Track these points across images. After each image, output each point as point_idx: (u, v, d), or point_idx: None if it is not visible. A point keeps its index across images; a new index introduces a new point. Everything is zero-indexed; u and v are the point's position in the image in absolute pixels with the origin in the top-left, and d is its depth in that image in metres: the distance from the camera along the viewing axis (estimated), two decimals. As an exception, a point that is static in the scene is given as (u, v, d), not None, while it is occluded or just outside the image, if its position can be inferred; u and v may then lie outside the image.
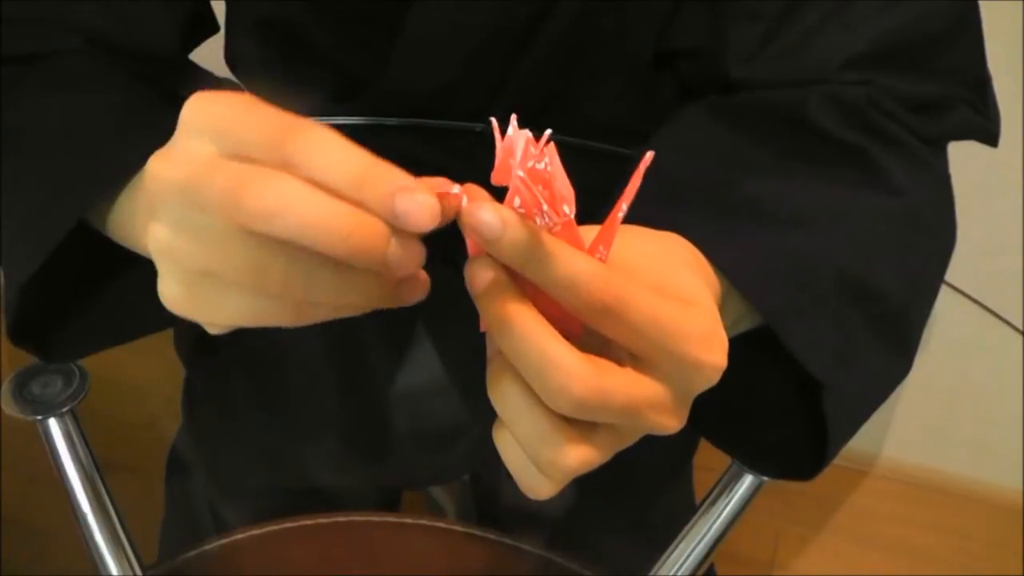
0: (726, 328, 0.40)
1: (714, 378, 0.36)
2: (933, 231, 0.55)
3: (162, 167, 0.33)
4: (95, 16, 0.53)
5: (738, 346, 0.42)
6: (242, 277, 0.33)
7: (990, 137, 0.59)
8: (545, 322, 0.34)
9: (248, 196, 0.31)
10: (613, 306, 0.34)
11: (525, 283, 0.35)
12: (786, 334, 0.45)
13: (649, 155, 0.36)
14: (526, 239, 0.33)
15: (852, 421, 0.51)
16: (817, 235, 0.49)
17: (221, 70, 0.70)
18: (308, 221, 0.31)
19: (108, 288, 0.52)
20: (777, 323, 0.45)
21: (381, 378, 0.74)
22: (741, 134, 0.55)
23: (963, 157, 0.63)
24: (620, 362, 0.36)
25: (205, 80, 0.61)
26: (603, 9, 0.60)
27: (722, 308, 0.42)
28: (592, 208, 0.49)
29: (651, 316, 0.34)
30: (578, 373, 0.33)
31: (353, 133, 0.74)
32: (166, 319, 0.50)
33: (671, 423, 0.37)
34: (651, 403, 0.35)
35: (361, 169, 0.33)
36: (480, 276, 0.35)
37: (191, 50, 0.63)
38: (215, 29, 0.64)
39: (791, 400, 0.50)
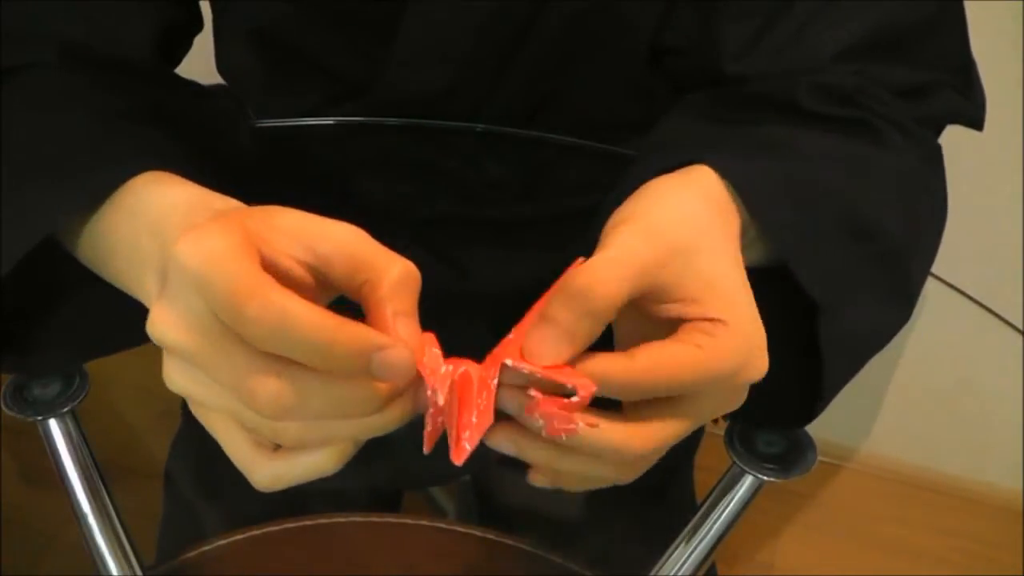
0: (743, 247, 0.43)
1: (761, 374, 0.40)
2: (930, 194, 0.56)
3: (164, 325, 0.35)
4: (68, 25, 0.53)
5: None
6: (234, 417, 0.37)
7: (975, 121, 0.60)
8: None
9: (248, 396, 0.34)
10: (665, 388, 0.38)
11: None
12: (788, 253, 0.46)
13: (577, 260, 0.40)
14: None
15: (848, 360, 0.51)
16: (824, 171, 0.49)
17: (213, 77, 0.70)
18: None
19: (88, 300, 0.51)
20: (781, 243, 0.46)
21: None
22: (742, 112, 0.56)
23: (964, 158, 0.63)
24: None
25: (187, 89, 0.60)
26: (596, 8, 0.60)
27: (744, 233, 0.44)
28: (589, 204, 0.50)
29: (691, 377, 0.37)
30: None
31: (353, 134, 0.75)
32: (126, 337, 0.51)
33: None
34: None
35: (327, 342, 0.33)
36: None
37: (180, 57, 0.62)
38: (199, 28, 0.64)
39: (789, 344, 0.50)
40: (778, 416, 0.54)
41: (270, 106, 0.73)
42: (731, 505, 0.57)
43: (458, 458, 0.36)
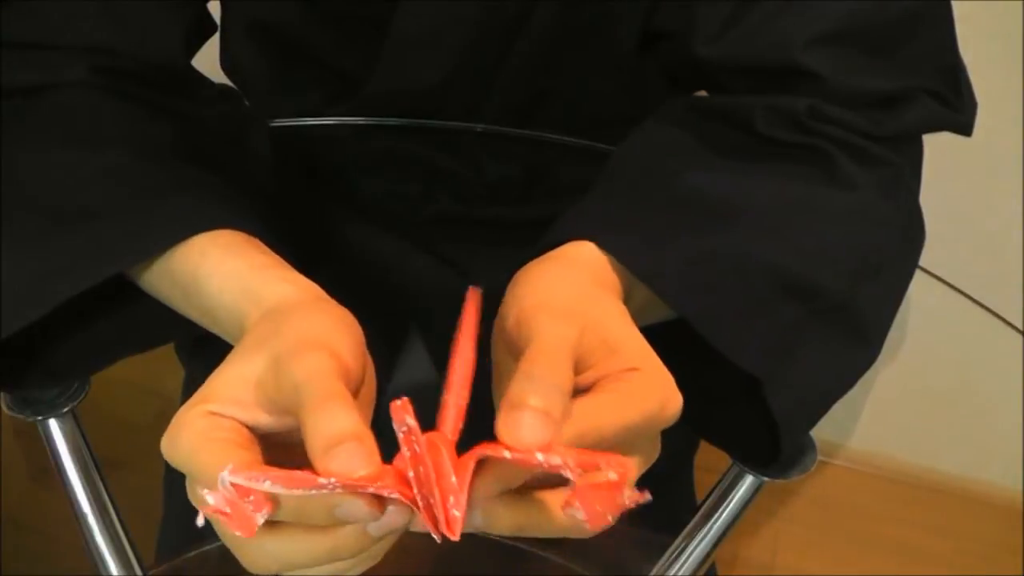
0: (633, 314, 0.44)
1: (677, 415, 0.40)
2: (888, 224, 0.55)
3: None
4: (99, 32, 0.53)
5: (695, 337, 0.47)
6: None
7: (960, 128, 0.58)
8: None
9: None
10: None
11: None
12: (713, 335, 0.47)
13: (472, 291, 0.40)
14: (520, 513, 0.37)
15: (806, 411, 0.52)
16: (753, 232, 0.50)
17: (217, 75, 0.70)
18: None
19: (100, 309, 0.52)
20: (702, 326, 0.47)
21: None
22: (698, 134, 0.56)
23: (963, 158, 0.63)
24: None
25: (207, 92, 0.60)
26: (586, 0, 0.60)
27: (628, 300, 0.46)
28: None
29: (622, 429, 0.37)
30: None
31: (354, 134, 0.75)
32: (161, 337, 0.51)
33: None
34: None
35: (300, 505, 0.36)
36: None
37: (192, 55, 0.63)
38: (213, 30, 0.64)
39: (751, 389, 0.51)
40: (747, 455, 0.55)
41: (273, 104, 0.73)
42: (731, 505, 0.57)
43: (453, 532, 0.34)
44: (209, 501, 0.34)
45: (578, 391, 0.39)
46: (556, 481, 0.37)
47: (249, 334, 0.41)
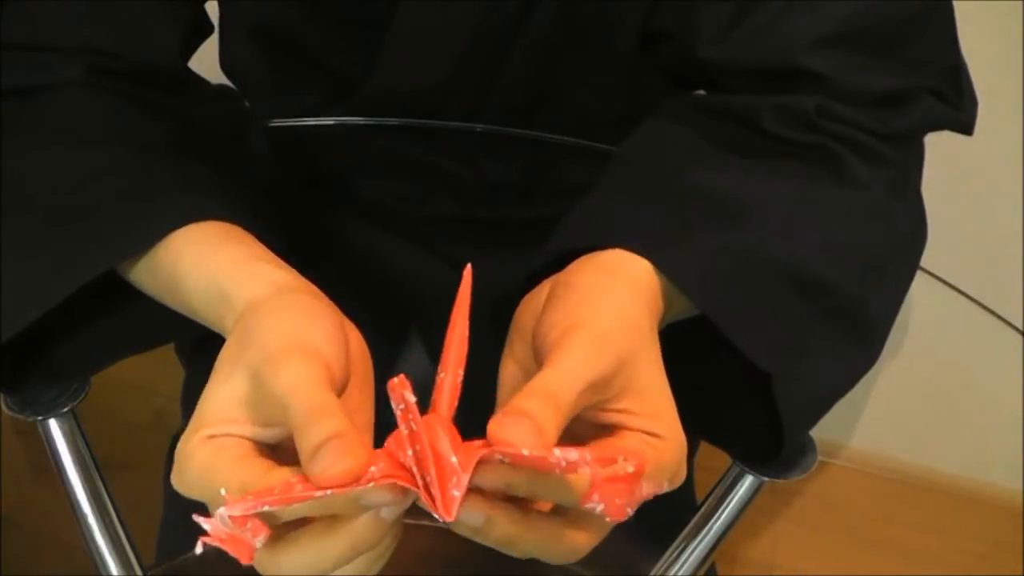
0: (669, 320, 0.45)
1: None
2: (895, 223, 0.56)
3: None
4: (96, 34, 0.53)
5: (699, 336, 0.47)
6: None
7: (962, 127, 0.58)
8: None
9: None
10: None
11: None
12: (730, 330, 0.47)
13: (467, 269, 0.41)
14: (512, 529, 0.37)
15: (810, 408, 0.52)
16: (767, 230, 0.50)
17: (217, 76, 0.70)
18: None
19: (102, 309, 0.52)
20: (720, 321, 0.47)
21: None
22: (706, 132, 0.56)
23: (963, 158, 0.63)
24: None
25: (203, 92, 0.60)
26: (586, 0, 0.60)
27: (667, 310, 0.46)
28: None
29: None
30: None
31: (354, 134, 0.75)
32: (161, 337, 0.51)
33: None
34: None
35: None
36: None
37: (190, 55, 0.63)
38: (210, 31, 0.65)
39: (753, 387, 0.51)
40: (746, 454, 0.55)
41: (273, 105, 0.73)
42: (731, 505, 0.57)
43: (450, 513, 0.33)
44: (206, 529, 0.34)
45: (596, 426, 0.40)
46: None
47: (226, 346, 0.41)
